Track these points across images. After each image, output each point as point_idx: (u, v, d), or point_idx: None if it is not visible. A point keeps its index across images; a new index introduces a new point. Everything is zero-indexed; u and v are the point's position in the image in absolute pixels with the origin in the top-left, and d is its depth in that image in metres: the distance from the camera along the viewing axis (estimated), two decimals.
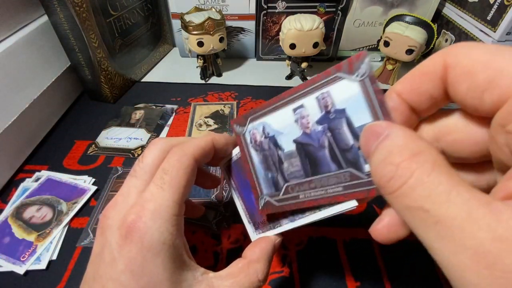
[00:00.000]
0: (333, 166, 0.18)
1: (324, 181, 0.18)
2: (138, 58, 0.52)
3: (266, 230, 0.22)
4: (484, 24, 0.42)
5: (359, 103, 0.16)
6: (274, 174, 0.20)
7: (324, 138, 0.18)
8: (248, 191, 0.23)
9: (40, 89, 0.40)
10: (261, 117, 0.21)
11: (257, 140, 0.21)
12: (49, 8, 0.38)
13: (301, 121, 0.19)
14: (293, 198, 0.19)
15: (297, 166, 0.19)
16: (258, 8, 0.51)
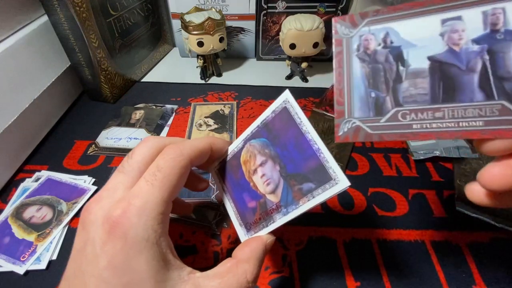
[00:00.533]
0: (479, 95, 0.15)
1: (459, 111, 0.15)
2: (138, 58, 0.52)
3: (258, 230, 0.22)
4: None
5: None
6: (381, 94, 0.17)
7: (477, 60, 0.15)
8: (241, 193, 0.23)
9: (40, 89, 0.40)
10: (386, 21, 0.17)
11: (369, 48, 0.17)
12: (49, 8, 0.38)
13: (450, 35, 0.16)
14: (402, 127, 0.16)
15: (423, 89, 0.16)
16: (258, 8, 0.51)
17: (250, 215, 0.22)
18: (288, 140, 0.20)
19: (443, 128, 0.15)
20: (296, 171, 0.20)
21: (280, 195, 0.21)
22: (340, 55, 0.18)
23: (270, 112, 0.21)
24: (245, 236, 0.23)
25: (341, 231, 0.30)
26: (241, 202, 0.23)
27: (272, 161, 0.21)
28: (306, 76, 0.53)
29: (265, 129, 0.22)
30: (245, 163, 0.23)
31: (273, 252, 0.29)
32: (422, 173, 0.36)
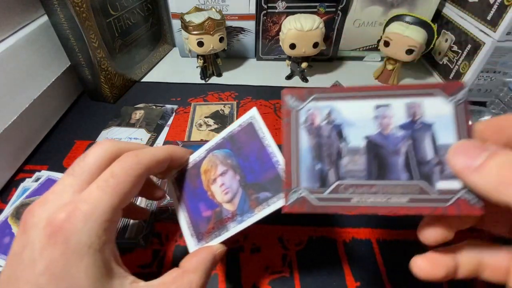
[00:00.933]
0: (403, 175, 0.17)
1: (390, 188, 0.17)
2: (138, 58, 0.52)
3: (210, 240, 0.22)
4: (484, 24, 0.42)
5: (448, 124, 0.17)
6: (325, 167, 0.18)
7: (402, 144, 0.18)
8: (196, 202, 0.24)
9: (40, 89, 0.40)
10: (330, 100, 0.19)
11: (315, 123, 0.19)
12: (49, 8, 0.38)
13: (381, 120, 0.18)
14: (343, 200, 0.17)
15: (361, 165, 0.18)
16: (258, 8, 0.51)
17: (204, 225, 0.23)
18: (250, 152, 0.22)
19: (377, 202, 0.17)
20: (255, 181, 0.22)
21: (237, 203, 0.22)
22: (288, 126, 0.19)
23: (236, 125, 0.23)
24: (195, 246, 0.23)
25: (341, 231, 0.30)
26: (196, 212, 0.23)
27: (233, 171, 0.23)
28: (306, 76, 0.53)
29: (230, 141, 0.23)
30: (205, 173, 0.24)
31: (273, 252, 0.29)
32: None
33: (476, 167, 0.14)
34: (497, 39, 0.40)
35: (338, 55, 0.57)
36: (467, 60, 0.45)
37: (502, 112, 0.40)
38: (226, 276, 0.27)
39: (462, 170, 0.15)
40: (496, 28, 0.40)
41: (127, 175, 0.18)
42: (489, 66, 0.43)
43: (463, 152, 0.15)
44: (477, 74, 0.44)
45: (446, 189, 0.17)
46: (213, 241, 0.22)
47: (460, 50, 0.46)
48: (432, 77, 0.53)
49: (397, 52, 0.46)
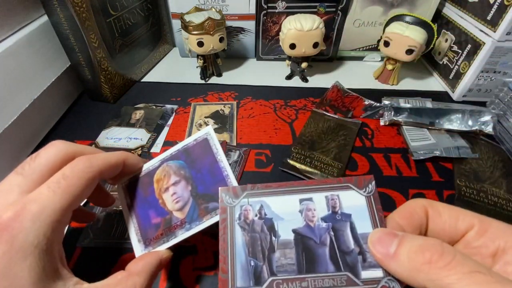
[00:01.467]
0: (331, 266, 0.18)
1: (319, 282, 0.17)
2: (138, 58, 0.52)
3: (158, 246, 0.23)
4: (484, 24, 0.42)
5: (363, 214, 0.19)
6: (258, 263, 0.18)
7: (326, 235, 0.19)
8: (147, 209, 0.24)
9: (40, 89, 0.40)
10: (261, 196, 0.20)
11: (248, 217, 0.20)
12: (49, 8, 0.38)
13: (306, 213, 0.19)
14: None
15: (291, 259, 0.18)
16: (258, 8, 0.51)
17: (152, 231, 0.23)
18: (203, 166, 0.24)
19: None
20: (206, 192, 0.23)
21: (187, 212, 0.23)
22: (224, 222, 0.20)
23: (192, 139, 0.25)
24: (141, 251, 0.23)
25: None
26: (145, 218, 0.24)
27: (185, 182, 0.24)
28: (306, 76, 0.53)
29: (184, 153, 0.25)
30: (158, 181, 0.25)
31: None
32: (422, 173, 0.36)
33: (391, 255, 0.16)
34: (497, 39, 0.40)
35: (338, 55, 0.57)
36: (467, 60, 0.45)
37: (502, 112, 0.40)
38: None
39: (381, 259, 0.16)
40: (496, 28, 0.40)
41: (78, 178, 0.19)
42: (489, 66, 0.43)
43: (378, 241, 0.17)
44: (477, 74, 0.44)
45: (371, 278, 0.17)
46: (161, 246, 0.23)
47: (460, 50, 0.46)
48: (432, 77, 0.53)
49: (397, 52, 0.46)
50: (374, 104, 0.44)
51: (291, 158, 0.37)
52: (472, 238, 0.17)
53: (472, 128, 0.39)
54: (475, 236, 0.17)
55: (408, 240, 0.16)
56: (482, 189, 0.33)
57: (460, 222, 0.17)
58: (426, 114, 0.41)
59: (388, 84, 0.51)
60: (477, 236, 0.17)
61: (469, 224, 0.17)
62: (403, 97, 0.45)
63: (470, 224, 0.17)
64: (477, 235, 0.17)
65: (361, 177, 0.20)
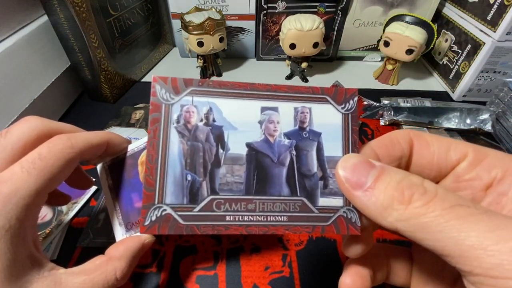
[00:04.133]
0: (286, 189, 0.16)
1: (269, 205, 0.15)
2: (138, 58, 0.52)
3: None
4: (484, 24, 0.42)
5: (336, 134, 0.16)
6: (197, 178, 0.15)
7: (287, 154, 0.16)
8: (129, 192, 0.23)
9: (40, 89, 0.40)
10: (211, 96, 0.16)
11: (190, 122, 0.16)
12: (49, 8, 0.38)
13: (267, 125, 0.16)
14: (216, 218, 0.15)
15: (239, 177, 0.16)
16: (258, 8, 0.51)
17: (135, 215, 0.22)
18: None
19: (253, 221, 0.15)
20: None
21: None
22: (156, 123, 0.15)
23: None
24: (122, 235, 0.22)
25: None
26: (128, 202, 0.23)
27: None
28: (306, 76, 0.53)
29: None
30: (143, 164, 0.23)
31: (273, 252, 0.29)
32: None
33: (364, 188, 0.14)
34: (497, 39, 0.40)
35: (338, 55, 0.57)
36: (467, 60, 0.45)
37: (500, 110, 0.40)
38: (226, 276, 0.27)
39: (349, 188, 0.14)
40: (496, 28, 0.40)
41: (56, 159, 0.17)
42: (489, 66, 0.43)
43: (350, 169, 0.14)
44: (477, 74, 0.44)
45: (328, 206, 0.16)
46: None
47: (460, 50, 0.46)
48: (432, 77, 0.53)
49: (397, 52, 0.46)
50: (374, 104, 0.44)
51: None
52: (463, 170, 0.15)
53: (470, 126, 0.40)
54: (468, 167, 0.15)
55: (388, 173, 0.14)
56: None
57: (451, 152, 0.16)
58: (425, 113, 0.41)
59: (388, 84, 0.51)
60: (471, 167, 0.15)
61: (462, 153, 0.15)
62: (402, 97, 0.45)
63: (463, 153, 0.15)
64: (470, 166, 0.15)
65: (342, 89, 0.16)
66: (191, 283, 0.27)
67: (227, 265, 0.28)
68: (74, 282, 0.17)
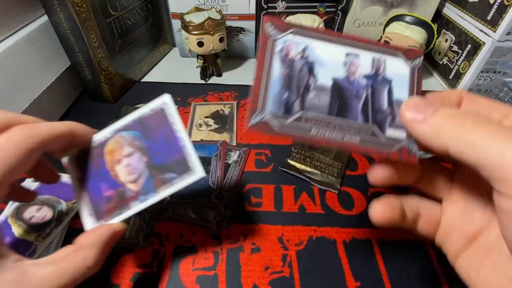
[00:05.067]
0: (360, 117, 0.19)
1: (346, 126, 0.19)
2: (138, 58, 0.52)
3: (111, 218, 0.22)
4: (484, 24, 0.42)
5: (404, 83, 0.20)
6: (292, 96, 0.19)
7: (363, 91, 0.20)
8: (98, 181, 0.23)
9: (40, 89, 0.40)
10: (307, 37, 0.20)
11: (290, 55, 0.19)
12: (49, 8, 0.38)
13: (349, 67, 0.20)
14: (302, 130, 0.18)
15: (324, 102, 0.19)
16: (258, 8, 0.51)
17: (104, 204, 0.23)
18: (159, 136, 0.23)
19: (332, 137, 0.19)
20: (162, 163, 0.23)
21: (142, 184, 0.23)
22: (263, 52, 0.19)
23: (148, 109, 0.24)
24: (93, 225, 0.23)
25: (341, 231, 0.30)
26: (96, 191, 0.23)
27: (140, 153, 0.23)
28: None
29: (139, 123, 0.24)
30: (110, 153, 0.24)
31: (273, 252, 0.29)
32: None
33: (421, 119, 0.17)
34: (497, 39, 0.40)
35: None
36: (467, 60, 0.45)
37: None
38: (226, 276, 0.27)
39: (411, 121, 0.18)
40: (496, 28, 0.40)
41: (15, 149, 0.17)
42: (489, 66, 0.43)
43: (413, 106, 0.18)
44: (477, 74, 0.44)
45: (393, 137, 0.19)
46: (114, 219, 0.22)
47: (460, 50, 0.46)
48: (432, 77, 0.53)
49: None
50: None
51: (291, 158, 0.37)
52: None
53: None
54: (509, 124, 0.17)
55: (443, 109, 0.17)
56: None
57: (495, 112, 0.17)
58: None
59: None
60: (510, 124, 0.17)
61: (503, 114, 0.17)
62: None
63: (505, 114, 0.17)
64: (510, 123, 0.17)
65: (411, 49, 0.20)
66: (191, 283, 0.27)
67: (227, 265, 0.28)
68: (42, 273, 0.17)
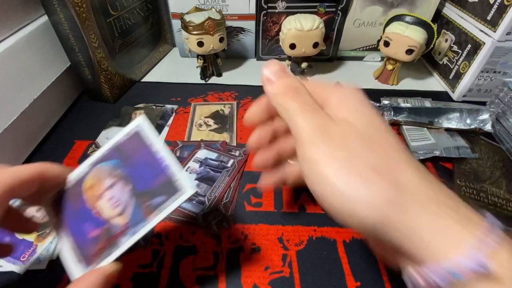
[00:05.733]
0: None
1: None
2: (138, 58, 0.52)
3: (101, 261, 0.21)
4: (484, 24, 0.42)
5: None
6: None
7: None
8: (80, 223, 0.22)
9: (40, 89, 0.40)
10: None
11: None
12: (49, 8, 0.38)
13: None
14: None
15: None
16: (258, 8, 0.51)
17: (92, 247, 0.21)
18: (140, 160, 0.22)
19: None
20: (147, 188, 0.21)
21: (130, 214, 0.21)
22: None
23: (122, 135, 0.23)
24: (82, 272, 0.21)
25: (341, 231, 0.30)
26: (80, 235, 0.22)
27: (123, 182, 0.22)
28: (306, 76, 0.53)
29: (117, 151, 0.23)
30: (90, 189, 0.22)
31: (273, 252, 0.29)
32: None
33: (272, 81, 0.21)
34: (497, 39, 0.40)
35: (338, 55, 0.57)
36: (467, 60, 0.45)
37: (500, 110, 0.40)
38: (226, 276, 0.27)
39: (264, 80, 0.21)
40: (496, 28, 0.40)
41: None
42: (489, 66, 0.43)
43: (270, 69, 0.21)
44: (477, 74, 0.44)
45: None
46: (104, 261, 0.21)
47: (460, 50, 0.46)
48: (432, 77, 0.53)
49: (397, 52, 0.46)
50: (374, 104, 0.44)
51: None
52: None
53: (470, 126, 0.40)
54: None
55: (285, 78, 0.21)
56: (482, 189, 0.33)
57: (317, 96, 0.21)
58: (425, 113, 0.41)
59: (388, 84, 0.51)
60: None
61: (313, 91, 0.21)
62: (402, 97, 0.45)
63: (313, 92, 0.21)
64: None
65: None
66: (191, 283, 0.27)
67: (227, 265, 0.28)
68: None
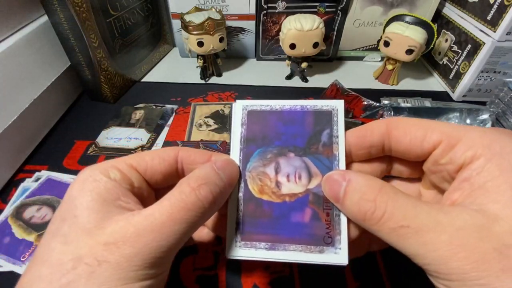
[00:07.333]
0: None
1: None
2: (138, 58, 0.52)
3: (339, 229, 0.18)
4: (484, 24, 0.42)
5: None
6: None
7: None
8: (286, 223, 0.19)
9: (40, 89, 0.40)
10: None
11: None
12: (49, 8, 0.38)
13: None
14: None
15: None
16: (258, 8, 0.51)
17: (318, 229, 0.18)
18: (274, 129, 0.20)
19: None
20: (306, 137, 0.20)
21: (317, 169, 0.19)
22: None
23: (238, 130, 0.21)
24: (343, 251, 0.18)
25: None
26: (299, 231, 0.19)
27: (283, 157, 0.19)
28: (306, 76, 0.53)
29: (249, 143, 0.20)
30: (262, 191, 0.19)
31: None
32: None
33: (341, 200, 0.17)
34: (497, 39, 0.40)
35: (338, 55, 0.57)
36: (467, 60, 0.45)
37: (500, 110, 0.40)
38: (226, 276, 0.27)
39: (332, 200, 0.18)
40: (496, 28, 0.40)
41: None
42: (489, 66, 0.43)
43: (328, 184, 0.18)
44: (477, 74, 0.44)
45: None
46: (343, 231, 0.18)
47: (460, 50, 0.46)
48: (432, 77, 0.53)
49: (397, 52, 0.46)
50: (374, 104, 0.44)
51: None
52: (438, 155, 0.16)
53: None
54: (441, 153, 0.16)
55: (352, 187, 0.16)
56: None
57: (425, 141, 0.17)
58: (425, 113, 0.41)
59: (388, 84, 0.51)
60: (443, 154, 0.16)
61: (435, 141, 0.16)
62: (402, 97, 0.45)
63: (437, 141, 0.16)
64: (443, 153, 0.16)
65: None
66: (191, 283, 0.27)
67: (227, 265, 0.28)
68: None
